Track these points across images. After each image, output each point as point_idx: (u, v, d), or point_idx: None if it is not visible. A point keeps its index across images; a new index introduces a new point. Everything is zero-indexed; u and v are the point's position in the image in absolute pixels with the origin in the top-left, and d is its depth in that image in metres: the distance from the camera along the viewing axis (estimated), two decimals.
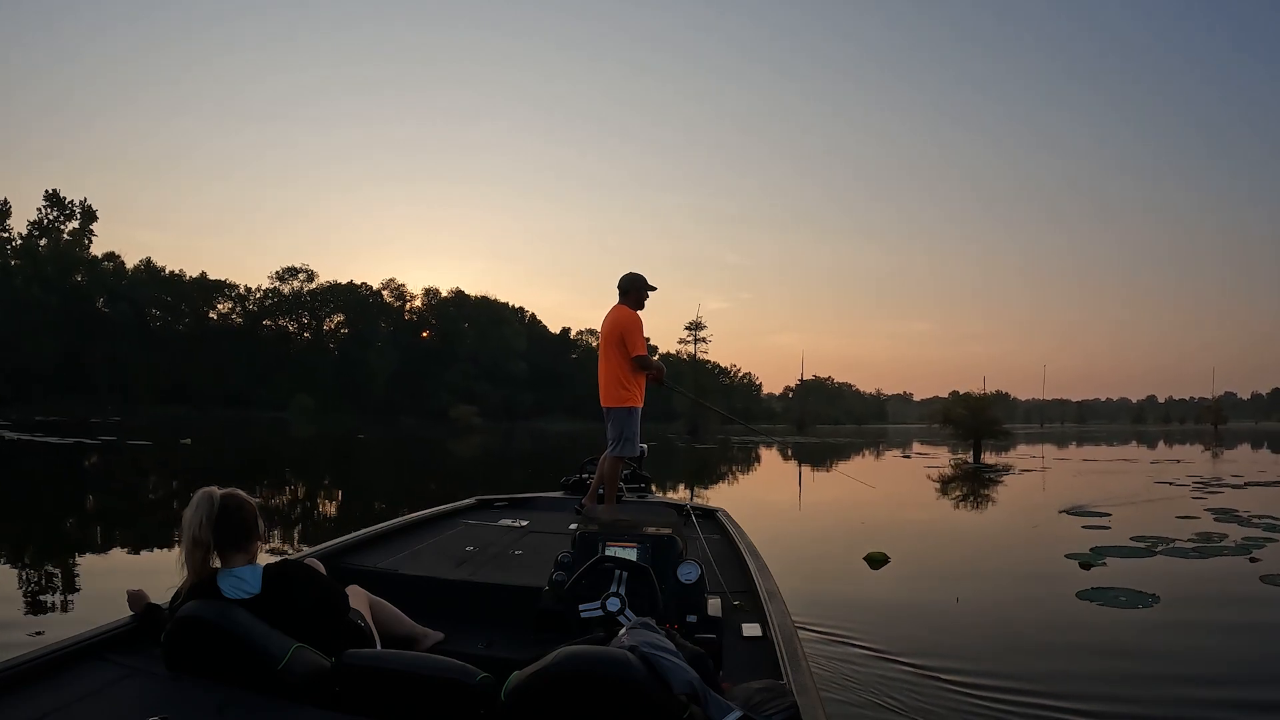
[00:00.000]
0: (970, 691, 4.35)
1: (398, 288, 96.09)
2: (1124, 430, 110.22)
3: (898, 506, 14.00)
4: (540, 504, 5.99)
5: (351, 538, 4.25)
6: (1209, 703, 4.38)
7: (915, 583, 7.41)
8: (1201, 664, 5.05)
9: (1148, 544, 9.27)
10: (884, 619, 5.84)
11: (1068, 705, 4.18)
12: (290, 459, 24.81)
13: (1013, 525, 12.09)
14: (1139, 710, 4.26)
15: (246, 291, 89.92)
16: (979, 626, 5.92)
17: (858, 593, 6.92)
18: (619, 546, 3.05)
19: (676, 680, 1.88)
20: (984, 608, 6.51)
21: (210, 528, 2.34)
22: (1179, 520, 11.41)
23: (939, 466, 24.82)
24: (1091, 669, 4.92)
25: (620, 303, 5.81)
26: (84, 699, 2.07)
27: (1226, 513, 12.33)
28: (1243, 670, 4.99)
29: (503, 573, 3.79)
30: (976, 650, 5.17)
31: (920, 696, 4.27)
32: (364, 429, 52.41)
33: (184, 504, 2.38)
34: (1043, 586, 7.27)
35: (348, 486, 17.10)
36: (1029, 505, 14.13)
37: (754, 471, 25.88)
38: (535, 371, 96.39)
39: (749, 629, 2.99)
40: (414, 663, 2.12)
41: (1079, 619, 6.10)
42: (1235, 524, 11.09)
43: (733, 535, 4.68)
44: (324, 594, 2.51)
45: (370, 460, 24.94)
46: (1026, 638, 5.64)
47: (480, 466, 25.51)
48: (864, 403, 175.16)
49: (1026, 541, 10.19)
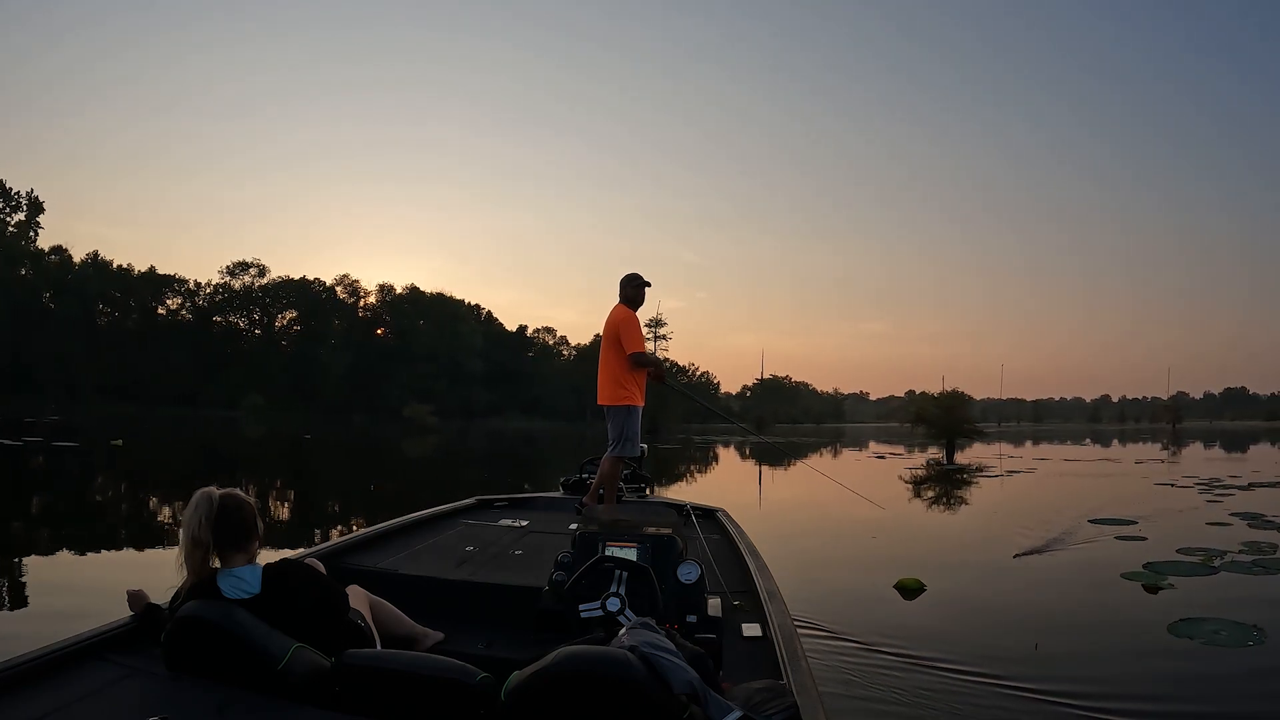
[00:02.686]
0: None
1: (352, 284, 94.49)
2: (1080, 429, 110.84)
3: (905, 516, 12.76)
4: (540, 504, 5.97)
5: (351, 538, 4.23)
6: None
7: (967, 620, 6.06)
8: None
9: (1200, 558, 8.40)
10: (943, 683, 4.52)
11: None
12: (231, 463, 22.98)
13: (1048, 537, 10.11)
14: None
15: (196, 286, 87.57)
16: (1074, 681, 4.57)
17: (900, 631, 5.50)
18: (619, 546, 3.05)
19: (677, 680, 1.87)
20: (1069, 656, 5.18)
21: (209, 528, 2.32)
22: (1213, 528, 10.59)
23: (915, 468, 23.56)
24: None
25: (620, 302, 5.78)
26: (84, 699, 2.06)
27: (1255, 517, 11.59)
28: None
29: (503, 573, 3.77)
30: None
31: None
32: (315, 428, 50.79)
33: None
34: (1122, 621, 6.10)
35: (276, 498, 15.33)
36: (1052, 512, 12.53)
37: (744, 471, 24.90)
38: (492, 369, 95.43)
39: (749, 629, 2.98)
40: (414, 663, 2.10)
41: (1188, 666, 5.02)
42: (1274, 530, 10.34)
43: (733, 535, 4.66)
44: (324, 594, 2.50)
45: (312, 468, 23.24)
46: (1139, 693, 4.44)
47: (432, 469, 24.38)
48: (821, 402, 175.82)
49: (1073, 561, 8.53)
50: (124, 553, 8.60)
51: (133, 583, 2.65)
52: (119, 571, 7.19)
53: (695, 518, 4.93)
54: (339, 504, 14.62)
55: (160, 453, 25.84)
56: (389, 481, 18.92)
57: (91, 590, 5.96)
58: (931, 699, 4.22)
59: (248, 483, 16.39)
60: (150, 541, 9.16)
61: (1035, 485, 19.04)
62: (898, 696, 4.21)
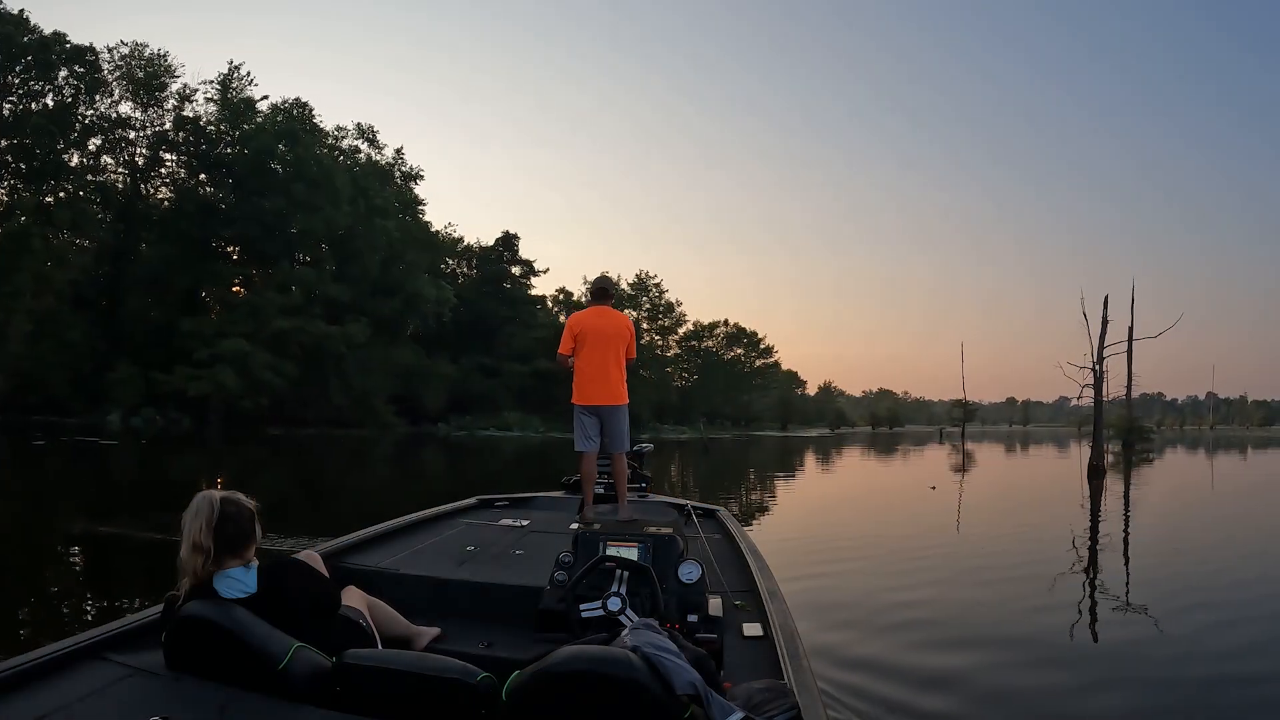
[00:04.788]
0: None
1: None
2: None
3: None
4: (541, 503, 5.94)
5: (352, 537, 4.21)
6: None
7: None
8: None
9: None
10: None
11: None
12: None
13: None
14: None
15: None
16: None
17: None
18: (620, 546, 3.05)
19: (678, 680, 1.89)
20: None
21: (210, 533, 2.30)
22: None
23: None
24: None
25: (608, 305, 5.77)
26: (85, 699, 2.06)
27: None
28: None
29: (503, 572, 3.76)
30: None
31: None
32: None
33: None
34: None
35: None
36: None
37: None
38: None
39: (750, 629, 2.97)
40: (415, 662, 2.11)
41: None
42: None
43: (734, 535, 4.68)
44: (319, 589, 2.50)
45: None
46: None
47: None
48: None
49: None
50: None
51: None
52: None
53: (696, 517, 4.94)
54: None
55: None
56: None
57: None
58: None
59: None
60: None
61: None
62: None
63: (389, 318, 50.56)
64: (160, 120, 47.64)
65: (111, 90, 45.84)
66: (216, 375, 40.27)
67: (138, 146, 47.73)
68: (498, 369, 58.23)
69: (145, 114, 47.19)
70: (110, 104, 46.04)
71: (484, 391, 56.38)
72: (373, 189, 51.13)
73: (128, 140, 47.21)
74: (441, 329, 55.68)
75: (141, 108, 46.99)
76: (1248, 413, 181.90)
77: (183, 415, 40.31)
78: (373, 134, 56.02)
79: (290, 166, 46.95)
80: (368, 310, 48.67)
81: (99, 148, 46.40)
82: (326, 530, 6.24)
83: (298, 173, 46.37)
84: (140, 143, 47.64)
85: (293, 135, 47.29)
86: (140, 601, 5.68)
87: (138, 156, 47.90)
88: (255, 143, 46.32)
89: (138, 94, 46.45)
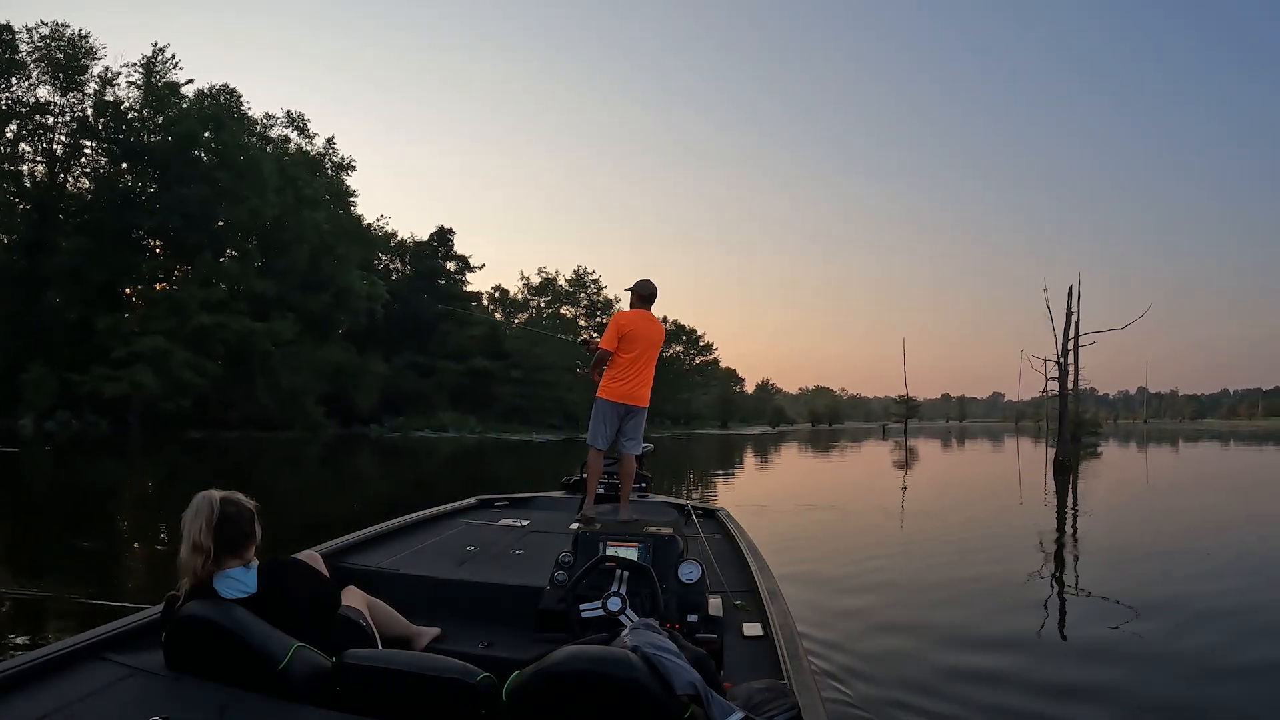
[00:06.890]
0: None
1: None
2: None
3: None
4: (541, 503, 5.95)
5: (352, 537, 4.18)
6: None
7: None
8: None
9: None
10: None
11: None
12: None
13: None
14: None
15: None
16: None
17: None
18: (620, 546, 3.04)
19: (679, 681, 1.89)
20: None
21: (210, 533, 2.28)
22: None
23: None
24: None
25: (649, 310, 5.74)
26: (85, 699, 2.05)
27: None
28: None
29: (503, 572, 3.76)
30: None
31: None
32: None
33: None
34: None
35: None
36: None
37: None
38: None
39: (750, 629, 2.97)
40: (415, 662, 2.11)
41: None
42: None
43: (734, 535, 4.68)
44: (319, 589, 2.49)
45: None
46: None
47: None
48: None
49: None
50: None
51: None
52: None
53: (696, 517, 4.97)
54: None
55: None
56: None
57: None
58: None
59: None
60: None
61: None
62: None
63: (318, 314, 48.80)
64: (81, 105, 45.04)
65: (29, 73, 43.26)
66: (135, 375, 38.25)
67: (56, 133, 45.15)
68: (432, 368, 57.11)
69: (65, 99, 44.61)
70: (28, 88, 43.45)
71: (418, 391, 55.15)
72: (302, 179, 49.14)
73: (46, 127, 44.63)
74: (373, 326, 54.09)
75: (61, 92, 44.36)
76: (1179, 407, 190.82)
77: (100, 418, 38.40)
78: (303, 122, 54.06)
79: (215, 154, 44.78)
80: (295, 306, 46.85)
81: (15, 135, 43.69)
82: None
83: (223, 161, 44.27)
84: (59, 129, 45.06)
85: (219, 122, 45.15)
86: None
87: (56, 144, 45.30)
88: (179, 129, 44.05)
89: (57, 77, 43.87)
